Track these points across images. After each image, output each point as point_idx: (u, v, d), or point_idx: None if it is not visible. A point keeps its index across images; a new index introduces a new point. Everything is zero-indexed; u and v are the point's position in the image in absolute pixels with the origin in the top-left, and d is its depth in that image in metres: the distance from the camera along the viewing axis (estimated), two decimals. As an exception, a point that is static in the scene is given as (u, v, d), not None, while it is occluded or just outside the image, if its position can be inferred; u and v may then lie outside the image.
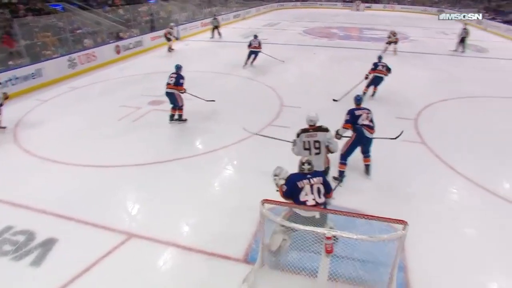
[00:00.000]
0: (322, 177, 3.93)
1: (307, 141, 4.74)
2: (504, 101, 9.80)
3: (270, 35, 19.48)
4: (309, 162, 3.92)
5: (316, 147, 4.72)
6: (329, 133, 4.78)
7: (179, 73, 7.61)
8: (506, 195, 5.40)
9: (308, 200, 3.75)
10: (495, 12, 26.66)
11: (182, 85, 7.52)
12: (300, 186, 3.78)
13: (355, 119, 5.50)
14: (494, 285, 3.88)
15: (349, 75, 11.61)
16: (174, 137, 7.24)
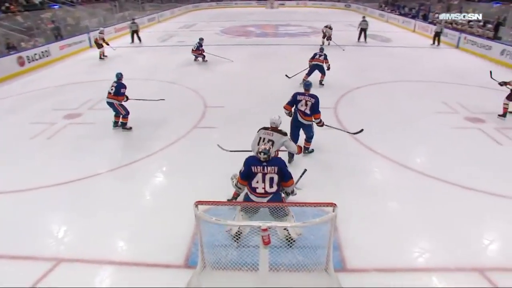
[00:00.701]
0: (279, 166, 3.99)
1: (262, 137, 4.90)
2: (406, 85, 10.88)
3: (187, 37, 19.26)
4: (265, 152, 3.98)
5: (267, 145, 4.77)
6: (286, 137, 4.93)
7: (120, 81, 7.26)
8: (418, 168, 6.03)
9: (258, 188, 3.93)
10: (392, 5, 29.29)
11: (123, 95, 7.20)
12: (254, 171, 3.93)
13: (295, 103, 5.97)
14: (419, 248, 4.28)
15: (268, 71, 11.99)
16: (96, 150, 6.79)
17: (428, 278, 3.87)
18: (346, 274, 3.85)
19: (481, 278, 3.83)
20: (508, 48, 13.72)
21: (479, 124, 7.85)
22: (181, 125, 7.66)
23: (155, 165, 6.26)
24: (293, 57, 14.79)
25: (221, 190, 5.27)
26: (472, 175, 5.79)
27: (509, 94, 7.85)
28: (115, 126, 7.56)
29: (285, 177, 4.03)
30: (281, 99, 9.24)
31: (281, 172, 4.00)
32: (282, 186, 4.11)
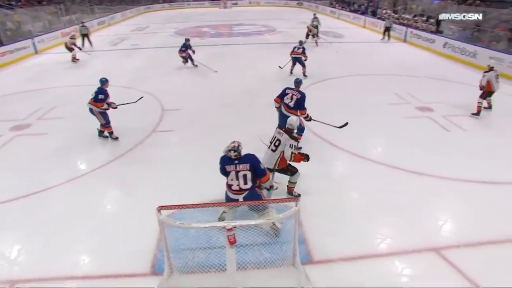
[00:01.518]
0: (251, 163, 4.01)
1: (273, 136, 4.89)
2: (359, 78, 11.28)
3: (140, 40, 18.80)
4: (235, 150, 3.99)
5: (275, 144, 4.79)
6: (292, 140, 4.71)
7: (102, 87, 6.81)
8: (374, 158, 6.29)
9: (233, 185, 4.02)
10: (342, 2, 30.19)
11: (102, 102, 6.70)
12: (228, 170, 4.01)
13: (282, 96, 6.35)
14: (380, 235, 4.45)
15: (225, 71, 11.96)
16: (49, 162, 6.42)
17: (390, 262, 4.04)
18: (313, 266, 3.94)
19: (437, 257, 4.07)
20: (449, 41, 14.63)
21: (428, 113, 8.30)
22: (139, 130, 7.46)
23: (114, 173, 6.05)
24: (248, 56, 14.90)
25: (184, 193, 5.23)
26: (424, 161, 6.12)
27: (483, 93, 7.92)
28: (100, 136, 7.18)
29: (258, 173, 4.07)
30: (239, 99, 9.39)
31: (254, 168, 4.03)
32: (258, 182, 4.16)
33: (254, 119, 8.11)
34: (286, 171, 4.95)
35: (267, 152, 4.85)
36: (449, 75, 11.85)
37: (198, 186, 5.46)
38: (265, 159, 4.80)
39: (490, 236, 4.36)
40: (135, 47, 16.74)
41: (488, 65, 7.97)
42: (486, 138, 7.13)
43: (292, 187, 5.08)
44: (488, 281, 3.71)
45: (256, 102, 9.15)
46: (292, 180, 5.02)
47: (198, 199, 4.67)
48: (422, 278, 3.84)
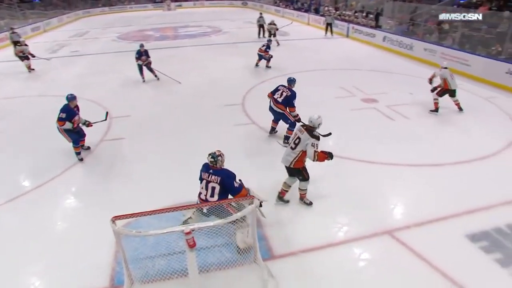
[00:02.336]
0: (222, 177, 3.89)
1: (295, 133, 4.75)
2: (307, 74, 11.56)
3: (81, 46, 17.92)
4: (213, 156, 3.97)
5: (294, 142, 4.61)
6: (312, 140, 4.51)
7: (66, 104, 6.14)
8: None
9: (201, 194, 3.99)
10: (286, 0, 30.77)
11: (62, 121, 6.03)
12: (202, 177, 4.01)
13: (274, 91, 6.68)
14: (337, 224, 4.61)
15: (175, 73, 11.74)
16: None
17: (349, 248, 4.21)
18: (275, 261, 3.99)
19: (391, 239, 4.30)
20: (388, 35, 15.46)
21: (373, 104, 8.71)
22: (86, 140, 7.09)
23: (64, 187, 5.71)
24: (196, 57, 14.74)
25: (138, 202, 5.07)
26: (372, 150, 6.43)
27: (439, 90, 7.95)
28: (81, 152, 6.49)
29: (230, 190, 3.92)
30: (189, 101, 9.25)
31: (223, 184, 3.89)
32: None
33: (206, 120, 8.06)
34: (299, 174, 4.76)
35: (287, 149, 4.73)
36: (389, 67, 12.53)
37: (154, 194, 5.34)
38: (283, 156, 4.75)
39: (436, 214, 4.67)
40: (76, 54, 15.91)
41: (441, 67, 7.99)
42: (427, 125, 7.60)
43: (303, 194, 4.93)
44: (438, 256, 3.98)
45: (206, 103, 9.10)
46: (303, 187, 4.87)
47: (155, 206, 4.56)
48: (379, 261, 4.03)
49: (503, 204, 4.91)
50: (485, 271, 3.86)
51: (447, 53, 12.01)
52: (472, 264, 3.96)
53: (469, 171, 5.81)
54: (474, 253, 4.09)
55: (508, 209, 4.83)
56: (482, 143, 6.69)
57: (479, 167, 5.93)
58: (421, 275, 3.80)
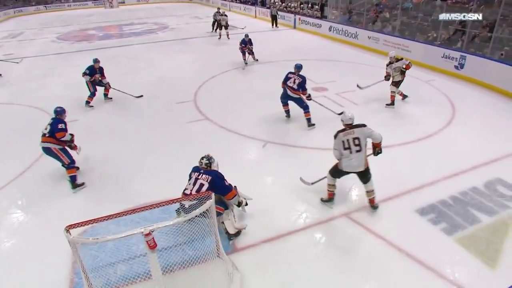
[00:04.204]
0: (212, 177, 3.93)
1: (345, 140, 4.42)
2: (259, 67, 11.66)
3: (15, 49, 16.69)
4: (208, 159, 4.10)
5: (356, 144, 4.37)
6: (366, 127, 4.44)
7: (59, 118, 5.48)
8: (279, 141, 6.65)
9: (187, 189, 3.95)
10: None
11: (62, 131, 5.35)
12: (191, 176, 4.03)
13: (286, 80, 7.05)
14: (296, 211, 4.75)
15: (121, 72, 11.35)
16: None
17: (310, 234, 4.35)
18: (238, 253, 4.05)
19: (348, 221, 4.53)
20: (333, 25, 15.95)
21: (324, 92, 8.97)
22: (30, 149, 6.64)
23: (7, 201, 5.35)
24: (143, 55, 14.32)
25: (93, 208, 4.89)
26: (324, 137, 6.57)
27: (395, 82, 7.86)
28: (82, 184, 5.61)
29: (219, 189, 3.95)
30: (138, 102, 8.97)
31: (213, 183, 3.90)
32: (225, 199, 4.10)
33: (157, 119, 7.91)
34: (368, 172, 4.55)
35: (351, 156, 4.40)
36: (336, 55, 12.97)
37: (109, 198, 5.18)
38: (354, 164, 4.43)
39: (388, 193, 4.94)
40: (10, 58, 14.78)
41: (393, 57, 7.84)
42: (374, 110, 7.97)
43: (374, 197, 4.64)
44: (393, 233, 4.25)
45: (156, 103, 8.91)
46: (371, 187, 4.60)
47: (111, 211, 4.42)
48: (339, 243, 4.22)
49: (446, 178, 5.31)
50: (434, 241, 4.17)
51: (389, 40, 12.63)
52: (422, 236, 4.26)
53: (415, 150, 6.20)
54: (424, 226, 4.41)
55: (451, 182, 5.23)
56: (424, 124, 7.14)
57: (423, 146, 6.35)
58: (379, 253, 4.03)
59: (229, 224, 4.18)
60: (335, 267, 3.88)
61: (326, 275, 3.78)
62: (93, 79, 8.50)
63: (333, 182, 4.74)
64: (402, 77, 7.82)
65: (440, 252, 4.02)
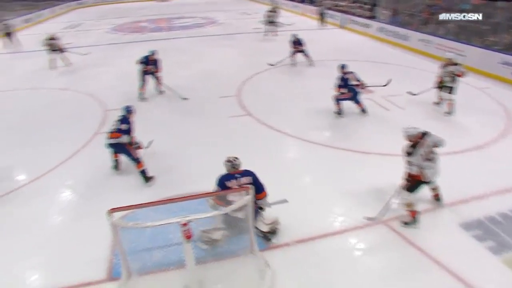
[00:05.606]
0: (252, 177, 3.97)
1: (423, 153, 4.20)
2: (303, 65, 11.51)
3: (74, 38, 17.69)
4: (233, 161, 3.98)
5: (432, 152, 4.29)
6: (432, 134, 4.30)
7: (126, 116, 5.52)
8: (323, 142, 6.55)
9: (235, 200, 3.69)
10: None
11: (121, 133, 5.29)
12: (229, 185, 3.82)
13: (345, 82, 7.27)
14: (333, 214, 4.67)
15: (168, 65, 11.65)
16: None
17: (344, 238, 4.26)
18: (271, 251, 4.04)
19: (386, 228, 4.36)
20: (383, 25, 15.45)
21: (369, 94, 8.70)
22: (81, 134, 7.07)
23: (58, 180, 5.71)
24: (190, 49, 14.65)
25: (134, 194, 5.10)
26: (368, 140, 6.46)
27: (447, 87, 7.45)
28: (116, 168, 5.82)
29: (259, 188, 4.01)
30: (184, 90, 9.19)
31: (256, 183, 3.98)
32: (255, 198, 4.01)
33: (201, 112, 8.09)
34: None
35: (433, 164, 4.26)
36: (384, 57, 12.54)
37: (151, 186, 5.37)
38: (438, 171, 4.33)
39: (432, 204, 4.72)
40: (69, 46, 15.69)
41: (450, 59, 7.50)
42: (423, 116, 7.61)
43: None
44: (432, 245, 4.05)
45: (200, 95, 9.12)
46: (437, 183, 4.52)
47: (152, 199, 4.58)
48: (375, 250, 4.10)
49: (496, 194, 4.98)
50: (478, 259, 3.93)
51: (442, 43, 12.02)
52: (465, 252, 4.02)
53: (463, 161, 5.86)
54: (468, 242, 4.16)
55: (501, 198, 4.89)
56: (476, 134, 6.75)
57: (472, 157, 5.99)
58: (417, 265, 3.85)
59: (261, 224, 4.17)
60: (369, 275, 3.76)
61: (359, 282, 3.68)
62: (145, 69, 8.71)
63: (411, 199, 4.35)
64: (453, 83, 7.40)
65: (485, 271, 3.77)
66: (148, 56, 8.71)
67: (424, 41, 12.91)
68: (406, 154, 4.30)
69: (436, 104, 7.94)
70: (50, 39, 11.83)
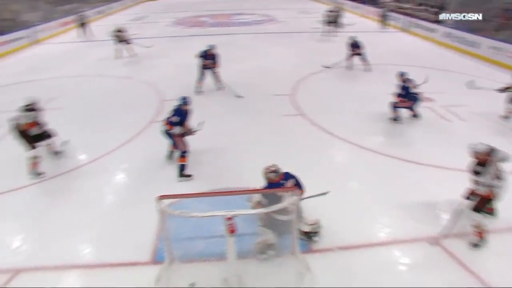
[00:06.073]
0: (295, 178, 4.06)
1: (494, 171, 3.92)
2: (359, 68, 11.17)
3: (139, 30, 18.60)
4: (274, 170, 3.96)
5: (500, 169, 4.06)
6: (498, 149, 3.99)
7: (180, 107, 5.56)
8: (375, 148, 6.30)
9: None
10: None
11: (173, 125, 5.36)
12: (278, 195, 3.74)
13: (406, 90, 7.04)
14: (379, 224, 4.51)
15: (225, 60, 11.85)
16: (52, 152, 6.45)
17: (390, 250, 4.08)
18: (312, 255, 3.97)
19: (437, 247, 4.08)
20: (450, 30, 14.48)
21: (429, 103, 8.26)
22: (137, 121, 7.44)
23: (113, 163, 6.07)
24: (247, 45, 14.81)
25: (183, 182, 5.27)
26: (424, 151, 6.12)
27: None
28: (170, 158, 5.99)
29: (300, 187, 4.08)
30: (240, 86, 9.31)
31: (298, 184, 4.06)
32: None
33: (254, 108, 8.18)
34: None
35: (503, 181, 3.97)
36: (449, 65, 11.79)
37: (197, 178, 5.50)
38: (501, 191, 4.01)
39: (491, 225, 4.35)
40: (134, 37, 16.54)
41: None
42: (487, 129, 7.08)
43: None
44: (489, 272, 3.74)
45: (255, 92, 9.19)
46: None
47: (199, 190, 4.70)
48: (420, 267, 3.87)
49: None
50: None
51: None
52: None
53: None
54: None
55: None
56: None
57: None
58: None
59: (302, 225, 4.12)
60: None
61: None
62: (204, 64, 8.85)
63: (480, 219, 4.03)
64: None
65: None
66: (206, 50, 8.83)
67: (495, 48, 11.94)
68: (474, 173, 4.00)
69: (504, 118, 7.35)
70: (117, 31, 12.54)
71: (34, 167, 5.58)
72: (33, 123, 5.58)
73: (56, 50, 14.88)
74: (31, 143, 5.53)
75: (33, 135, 5.60)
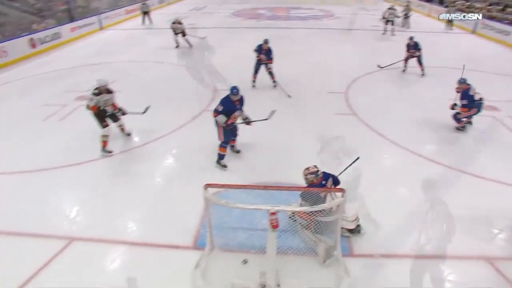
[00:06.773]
0: (332, 178, 4.08)
1: None
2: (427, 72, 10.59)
3: (197, 19, 19.06)
4: (315, 174, 3.96)
5: None
6: None
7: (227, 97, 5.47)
8: (429, 156, 6.00)
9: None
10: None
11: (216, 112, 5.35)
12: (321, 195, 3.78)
13: (471, 99, 6.45)
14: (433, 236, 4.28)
15: (280, 55, 11.81)
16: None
17: (435, 265, 3.89)
18: (353, 259, 3.89)
19: (489, 267, 3.83)
20: (527, 33, 13.29)
21: (493, 112, 7.69)
22: (190, 108, 7.68)
23: (165, 147, 6.33)
24: (303, 40, 14.65)
25: (231, 172, 5.38)
26: (486, 165, 5.69)
27: None
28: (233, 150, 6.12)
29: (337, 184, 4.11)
30: (293, 81, 9.26)
31: (335, 182, 4.08)
32: None
33: (307, 105, 8.13)
34: None
35: None
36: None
37: (244, 169, 5.58)
38: None
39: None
40: (193, 27, 16.98)
41: None
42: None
43: None
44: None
45: (309, 88, 9.15)
46: None
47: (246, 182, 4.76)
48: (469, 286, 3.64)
49: None
50: None
51: None
52: None
53: None
54: None
55: None
56: None
57: None
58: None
59: (344, 223, 4.04)
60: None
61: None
62: (258, 58, 8.83)
63: None
64: None
65: None
66: (261, 45, 8.76)
67: None
68: None
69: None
70: (175, 23, 12.89)
71: (105, 145, 6.02)
72: (106, 104, 5.95)
73: (121, 35, 15.68)
74: (104, 122, 5.95)
75: (106, 114, 6.00)
